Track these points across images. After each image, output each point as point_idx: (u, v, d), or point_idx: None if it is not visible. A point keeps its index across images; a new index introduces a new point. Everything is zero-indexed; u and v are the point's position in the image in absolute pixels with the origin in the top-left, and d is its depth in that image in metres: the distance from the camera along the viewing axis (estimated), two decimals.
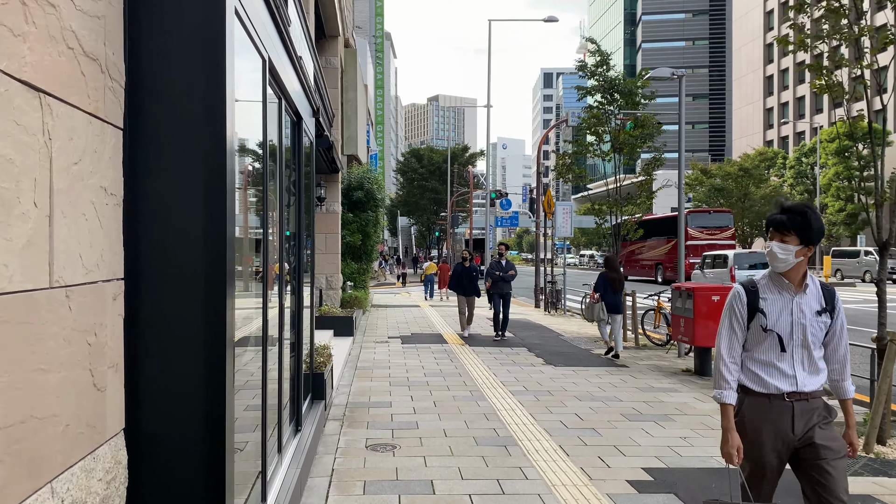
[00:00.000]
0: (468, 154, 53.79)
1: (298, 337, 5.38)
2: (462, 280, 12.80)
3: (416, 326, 14.79)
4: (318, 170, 16.06)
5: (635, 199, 12.18)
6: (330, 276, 17.06)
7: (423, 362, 9.85)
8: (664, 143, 12.51)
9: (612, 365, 9.88)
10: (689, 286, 9.25)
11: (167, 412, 2.47)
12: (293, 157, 5.43)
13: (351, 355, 10.45)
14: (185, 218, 2.46)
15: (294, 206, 5.44)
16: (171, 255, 2.46)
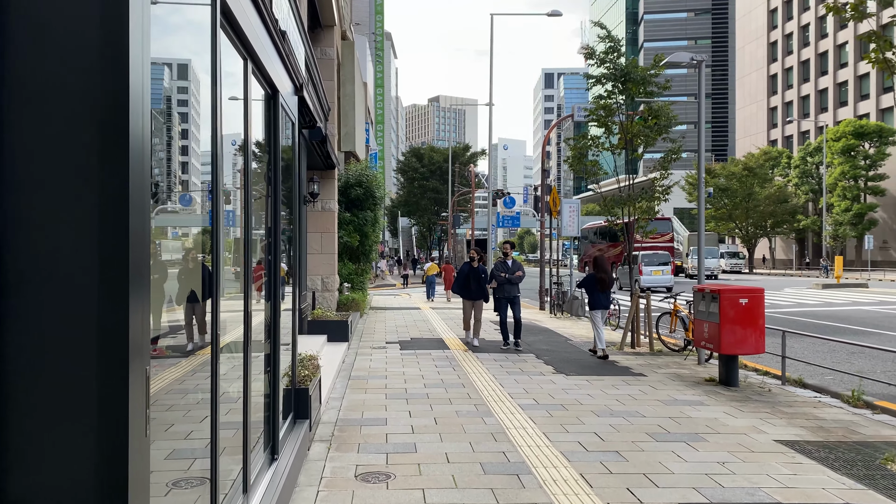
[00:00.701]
0: (469, 153, 53.02)
1: (274, 348, 4.59)
2: (469, 282, 11.57)
3: (415, 330, 14.01)
4: (312, 165, 15.29)
5: (649, 194, 11.39)
6: (326, 278, 16.29)
7: (423, 371, 9.07)
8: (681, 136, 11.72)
9: (628, 374, 9.09)
10: (714, 288, 8.46)
11: (44, 478, 1.69)
12: (268, 138, 4.65)
13: (345, 363, 9.67)
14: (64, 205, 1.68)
15: (269, 197, 4.65)
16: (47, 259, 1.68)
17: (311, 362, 6.31)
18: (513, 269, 11.32)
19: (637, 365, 9.81)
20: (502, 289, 11.25)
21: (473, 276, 11.56)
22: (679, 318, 11.23)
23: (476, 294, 11.55)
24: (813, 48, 64.97)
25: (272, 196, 4.64)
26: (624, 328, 11.67)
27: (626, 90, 11.22)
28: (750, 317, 8.17)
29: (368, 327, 14.64)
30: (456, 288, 11.83)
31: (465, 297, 11.77)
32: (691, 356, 10.56)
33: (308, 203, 12.11)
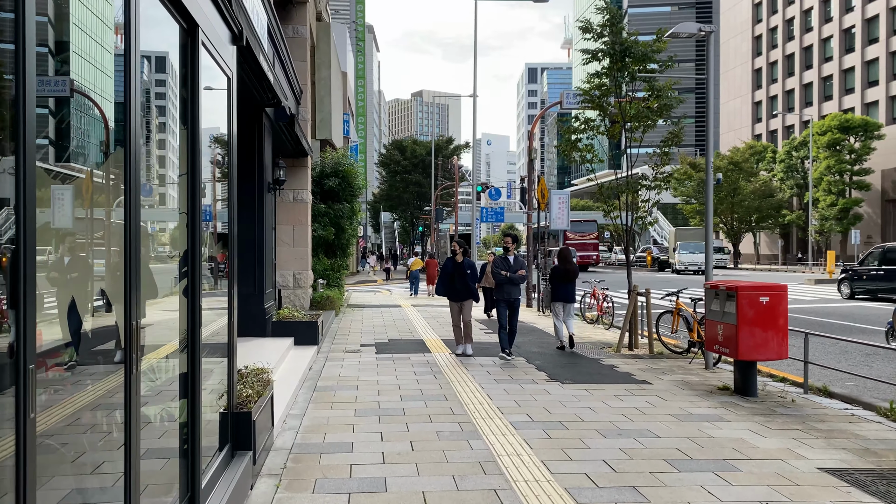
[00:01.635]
0: (453, 146, 51.89)
1: (192, 363, 3.50)
2: (454, 281, 9.89)
3: (394, 331, 12.92)
4: (282, 151, 14.13)
5: (649, 182, 10.38)
6: (298, 274, 15.14)
7: (400, 379, 7.99)
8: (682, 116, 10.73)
9: (630, 381, 8.07)
10: (729, 285, 7.45)
11: None
12: (186, 94, 3.55)
13: (312, 370, 8.57)
14: None
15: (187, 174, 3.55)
16: None
17: (259, 377, 5.22)
18: (515, 266, 9.58)
19: (639, 370, 8.81)
20: (502, 290, 9.54)
21: (458, 272, 9.88)
22: (682, 318, 10.25)
23: (463, 293, 9.90)
24: (798, 42, 64.65)
25: (190, 171, 3.53)
26: (621, 328, 10.68)
27: (625, 67, 10.19)
28: (771, 317, 7.19)
29: (343, 327, 13.53)
30: (440, 289, 10.10)
31: (450, 299, 10.05)
32: (696, 359, 9.60)
33: (274, 191, 10.96)
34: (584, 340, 11.66)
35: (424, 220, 51.73)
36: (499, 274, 9.54)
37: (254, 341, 9.35)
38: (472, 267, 10.02)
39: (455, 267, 9.97)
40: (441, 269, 10.02)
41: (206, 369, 3.94)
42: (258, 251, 9.83)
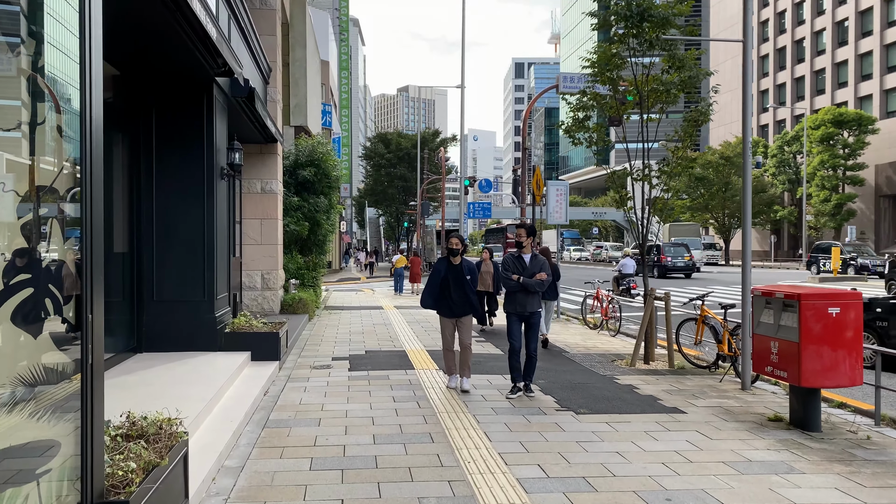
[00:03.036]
0: (439, 139, 50.25)
1: None
2: (447, 289, 7.28)
3: (373, 339, 11.35)
4: (247, 137, 12.49)
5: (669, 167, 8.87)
6: (266, 274, 13.53)
7: (375, 409, 6.42)
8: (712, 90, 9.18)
9: (659, 409, 6.56)
10: (789, 291, 5.94)
11: None
12: None
13: (267, 395, 6.98)
14: None
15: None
16: None
17: (162, 435, 3.62)
18: (532, 268, 7.04)
19: (664, 393, 7.31)
20: (514, 300, 7.06)
21: (455, 278, 7.27)
22: (708, 327, 8.76)
23: (460, 307, 7.27)
24: (789, 35, 63.62)
25: None
26: (637, 338, 9.18)
27: (642, 33, 8.66)
28: (842, 333, 5.69)
29: (315, 334, 11.93)
30: (427, 300, 7.44)
31: (442, 314, 7.40)
32: (729, 377, 8.12)
33: (231, 178, 9.33)
34: (591, 350, 10.16)
35: (410, 215, 50.10)
36: (508, 279, 7.01)
37: (200, 357, 7.75)
38: (473, 272, 7.41)
39: (450, 270, 7.31)
40: (432, 271, 7.53)
41: (35, 439, 2.40)
42: (207, 248, 8.22)
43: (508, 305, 7.16)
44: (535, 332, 7.16)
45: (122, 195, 7.88)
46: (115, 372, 6.90)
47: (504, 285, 7.15)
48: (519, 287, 7.00)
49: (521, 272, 7.04)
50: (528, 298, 7.04)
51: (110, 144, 7.62)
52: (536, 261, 7.15)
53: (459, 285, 7.28)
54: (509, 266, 7.11)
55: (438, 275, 7.41)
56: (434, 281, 7.43)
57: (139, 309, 8.07)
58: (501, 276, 7.17)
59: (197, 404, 5.58)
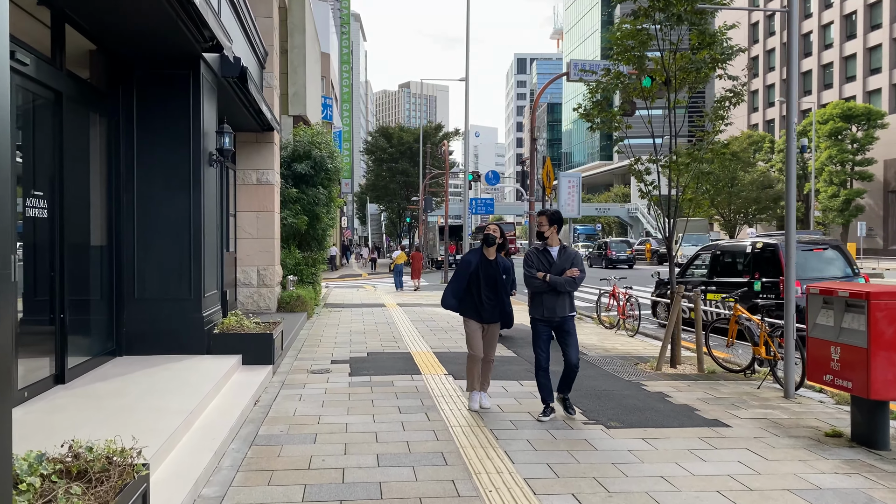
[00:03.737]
0: (442, 133, 49.44)
1: None
2: (477, 288, 6.03)
3: (375, 339, 10.61)
4: (243, 125, 11.74)
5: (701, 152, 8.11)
6: (263, 270, 12.80)
7: (378, 422, 5.68)
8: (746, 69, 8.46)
9: (699, 421, 5.82)
10: (855, 289, 5.19)
11: None
12: None
13: (258, 405, 6.24)
14: None
15: None
16: None
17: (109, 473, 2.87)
18: (561, 263, 5.85)
19: (699, 401, 6.57)
20: (540, 303, 5.86)
21: (487, 274, 6.02)
22: (742, 328, 8.01)
23: (488, 312, 6.04)
24: (796, 29, 62.63)
25: None
26: (663, 339, 8.44)
27: (669, 6, 7.90)
28: None
29: (314, 334, 11.20)
30: (450, 299, 6.11)
31: (467, 316, 6.13)
32: (768, 383, 7.38)
33: (221, 165, 8.59)
34: (610, 352, 9.42)
35: (412, 210, 49.34)
36: (532, 277, 5.81)
37: (185, 362, 7.02)
38: (509, 271, 6.14)
39: (483, 265, 6.03)
40: (457, 266, 6.24)
41: None
42: (194, 241, 7.48)
43: (534, 310, 5.89)
44: (572, 339, 5.87)
45: (98, 182, 7.14)
46: (88, 378, 6.17)
47: (528, 285, 5.94)
48: (546, 287, 5.76)
49: (547, 269, 5.81)
50: (558, 300, 5.79)
51: (85, 126, 6.88)
52: (566, 254, 5.92)
53: (491, 285, 6.00)
54: (533, 262, 5.89)
55: (467, 268, 6.03)
56: (461, 276, 6.04)
57: (118, 308, 7.34)
58: (524, 276, 5.88)
59: (174, 419, 4.85)
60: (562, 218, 6.00)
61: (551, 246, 5.98)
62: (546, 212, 6.07)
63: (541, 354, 5.89)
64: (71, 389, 5.72)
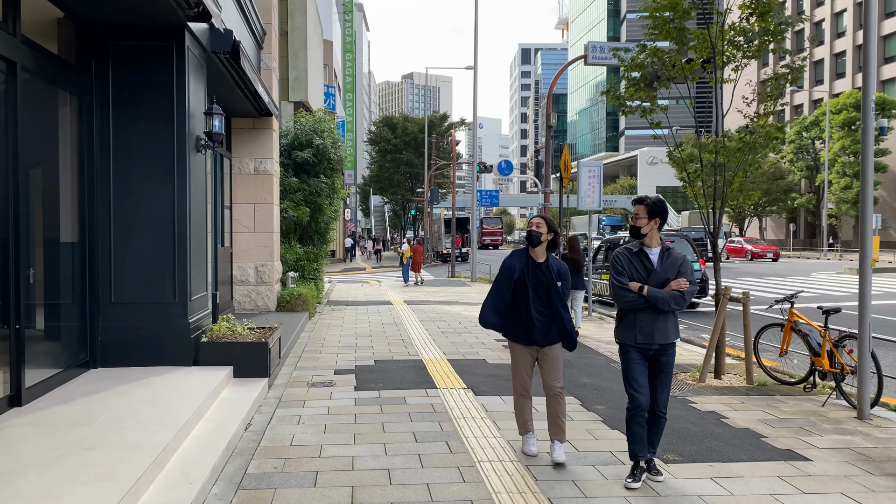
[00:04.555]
0: (447, 123, 48.41)
1: None
2: (525, 299, 4.67)
3: (383, 342, 9.71)
4: (238, 110, 10.82)
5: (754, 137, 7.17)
6: (261, 266, 11.90)
7: (391, 456, 4.76)
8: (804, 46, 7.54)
9: (771, 453, 4.91)
10: None
11: None
12: None
13: (250, 430, 5.33)
14: None
15: None
16: None
17: None
18: (664, 269, 4.31)
19: (761, 424, 5.66)
20: (633, 324, 4.30)
21: (536, 282, 4.65)
22: (799, 335, 7.07)
23: (542, 330, 4.64)
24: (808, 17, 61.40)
25: None
26: (707, 346, 7.52)
27: None
28: None
29: (316, 337, 10.30)
30: (489, 315, 4.75)
31: (512, 338, 4.78)
32: (834, 399, 6.46)
33: (211, 151, 7.65)
34: None
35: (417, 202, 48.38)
36: (623, 289, 4.30)
37: (167, 376, 6.12)
38: (565, 276, 4.69)
39: (529, 270, 4.68)
40: (498, 272, 4.84)
41: None
42: (178, 237, 6.57)
43: (623, 332, 4.36)
44: (667, 378, 4.38)
45: (69, 171, 6.23)
46: (50, 399, 5.27)
47: (617, 299, 4.38)
48: (642, 303, 4.24)
49: (643, 278, 4.30)
50: (658, 322, 4.24)
51: (51, 105, 5.97)
52: (670, 259, 4.34)
53: (543, 295, 4.62)
54: (623, 267, 4.36)
55: (510, 276, 4.69)
56: (503, 285, 4.70)
57: (92, 313, 6.44)
58: (612, 286, 4.40)
59: (144, 458, 3.95)
60: (666, 210, 4.42)
61: (650, 247, 4.38)
62: (645, 200, 4.41)
63: (638, 391, 4.25)
64: (26, 415, 4.82)
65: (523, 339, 4.70)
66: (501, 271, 4.78)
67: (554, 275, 4.65)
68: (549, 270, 4.67)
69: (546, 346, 4.67)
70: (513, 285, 4.70)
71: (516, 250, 4.82)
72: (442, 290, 19.44)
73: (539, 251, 4.70)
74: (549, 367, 4.69)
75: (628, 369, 4.33)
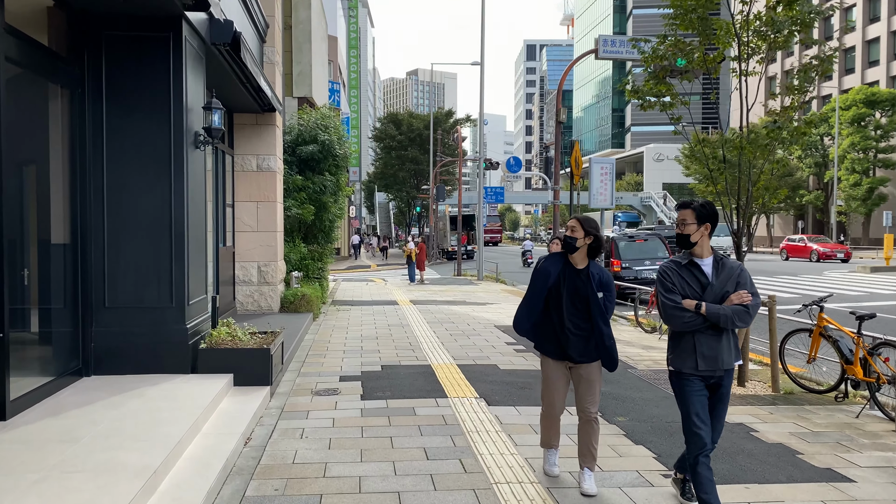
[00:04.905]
0: (453, 120, 48.02)
1: None
2: (559, 310, 4.14)
3: (389, 346, 9.37)
4: (240, 105, 10.48)
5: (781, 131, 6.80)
6: (264, 266, 11.56)
7: (401, 476, 4.42)
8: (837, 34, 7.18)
9: (808, 475, 4.56)
10: None
11: None
12: None
13: (249, 446, 5.00)
14: None
15: None
16: None
17: None
18: (720, 282, 3.71)
19: (794, 438, 5.30)
20: (692, 347, 3.68)
21: (573, 291, 4.13)
22: (829, 341, 6.71)
23: (578, 346, 4.14)
24: None
25: None
26: None
27: None
28: None
29: (320, 340, 9.98)
30: (523, 322, 4.27)
31: (545, 352, 4.32)
32: (855, 406, 6.10)
33: (211, 147, 7.31)
34: (660, 364, 8.15)
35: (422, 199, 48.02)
36: (677, 307, 3.67)
37: (163, 385, 5.80)
38: (608, 286, 4.17)
39: (566, 277, 4.16)
40: (532, 278, 4.28)
41: None
42: (175, 238, 6.24)
43: (681, 359, 3.71)
44: (724, 408, 3.83)
45: (60, 168, 5.90)
46: (38, 412, 4.95)
47: (669, 320, 3.71)
48: (702, 322, 3.62)
49: (698, 294, 3.69)
50: (720, 343, 3.65)
51: (40, 98, 5.64)
52: (726, 269, 3.73)
53: (580, 306, 4.08)
54: (673, 283, 3.71)
55: (545, 282, 4.16)
56: (536, 292, 4.18)
57: (85, 319, 6.11)
58: (661, 304, 3.75)
59: (132, 483, 3.62)
60: (717, 212, 3.83)
61: (700, 257, 3.77)
62: (691, 204, 3.78)
63: (701, 427, 3.64)
64: (9, 431, 4.50)
65: (555, 353, 4.21)
66: (535, 276, 4.25)
67: (595, 284, 4.07)
68: (589, 279, 4.09)
69: (581, 363, 4.16)
70: (546, 293, 4.17)
71: (553, 253, 4.33)
72: (448, 289, 19.10)
73: (578, 257, 4.13)
74: (584, 388, 4.18)
75: (689, 402, 3.69)
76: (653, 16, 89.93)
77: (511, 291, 18.39)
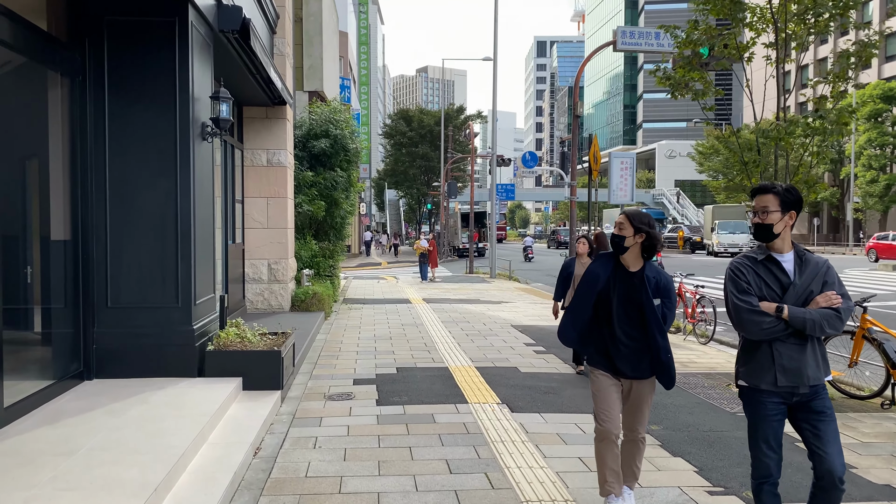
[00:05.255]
0: (464, 116, 47.62)
1: None
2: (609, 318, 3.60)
3: (404, 347, 9.03)
4: (248, 98, 10.13)
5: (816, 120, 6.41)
6: (274, 263, 11.25)
7: (422, 492, 4.06)
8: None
9: (867, 491, 4.19)
10: None
11: None
12: None
13: (259, 457, 4.67)
14: None
15: None
16: None
17: None
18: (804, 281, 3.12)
19: (845, 449, 4.90)
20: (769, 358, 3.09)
21: (625, 296, 3.58)
22: (873, 344, 6.31)
23: (631, 360, 3.60)
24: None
25: None
26: None
27: None
28: None
29: (332, 340, 9.65)
30: (569, 331, 3.72)
31: (595, 365, 3.73)
32: None
33: (213, 137, 6.97)
34: (689, 368, 7.77)
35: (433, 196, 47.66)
36: (754, 311, 3.07)
37: (167, 390, 5.48)
38: (669, 291, 3.64)
39: (617, 281, 3.62)
40: (579, 284, 3.73)
41: None
42: (181, 234, 5.92)
43: (757, 372, 3.15)
44: (832, 427, 3.09)
45: (60, 160, 5.59)
46: (35, 419, 4.64)
47: (744, 327, 3.11)
48: (783, 329, 3.04)
49: (777, 295, 3.11)
50: (804, 354, 3.07)
51: (38, 86, 5.32)
52: (810, 266, 3.13)
53: (633, 313, 3.57)
54: (748, 283, 3.13)
55: (593, 286, 3.63)
56: (584, 298, 3.67)
57: (86, 319, 5.80)
58: (734, 307, 3.13)
59: (129, 502, 3.29)
60: (802, 198, 3.17)
61: (781, 252, 3.16)
62: (774, 188, 3.14)
63: (770, 455, 3.16)
64: (2, 441, 4.19)
65: (605, 366, 3.68)
66: (583, 280, 3.71)
67: (651, 289, 3.53)
68: (643, 283, 3.54)
69: (633, 379, 3.65)
70: (594, 299, 3.62)
71: (603, 253, 3.80)
72: (461, 287, 18.75)
73: (630, 258, 3.58)
74: (635, 407, 3.70)
75: (759, 426, 3.15)
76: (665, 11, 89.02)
77: (525, 290, 18.02)
